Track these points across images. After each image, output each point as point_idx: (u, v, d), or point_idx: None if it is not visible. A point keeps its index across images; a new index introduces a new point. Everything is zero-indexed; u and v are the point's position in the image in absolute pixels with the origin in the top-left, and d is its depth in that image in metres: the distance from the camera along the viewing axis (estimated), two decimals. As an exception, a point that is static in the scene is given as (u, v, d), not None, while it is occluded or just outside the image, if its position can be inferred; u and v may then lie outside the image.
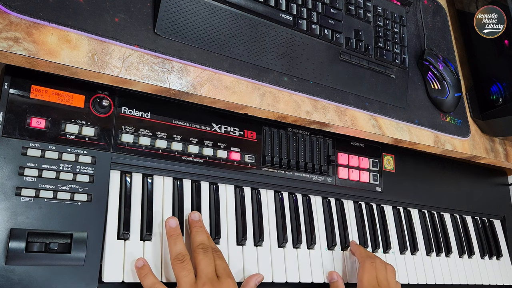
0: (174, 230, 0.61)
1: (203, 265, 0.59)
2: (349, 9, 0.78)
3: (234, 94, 0.64)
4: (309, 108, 0.71)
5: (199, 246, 0.60)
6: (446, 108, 0.87)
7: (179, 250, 0.59)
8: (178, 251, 0.59)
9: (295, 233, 0.74)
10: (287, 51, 0.70)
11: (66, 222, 0.56)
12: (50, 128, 0.57)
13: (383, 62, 0.80)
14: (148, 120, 0.65)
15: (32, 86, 0.57)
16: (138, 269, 0.58)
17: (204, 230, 0.63)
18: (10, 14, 0.50)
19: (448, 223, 0.97)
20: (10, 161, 0.54)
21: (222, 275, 0.59)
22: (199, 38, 0.62)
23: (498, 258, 1.02)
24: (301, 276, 0.72)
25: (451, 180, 1.00)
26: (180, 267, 0.57)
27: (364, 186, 0.85)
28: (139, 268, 0.58)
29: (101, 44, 0.55)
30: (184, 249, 0.59)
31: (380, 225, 0.85)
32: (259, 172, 0.73)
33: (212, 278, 0.58)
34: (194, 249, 0.60)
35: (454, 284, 0.91)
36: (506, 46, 0.87)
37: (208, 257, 0.59)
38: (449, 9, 1.00)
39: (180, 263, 0.58)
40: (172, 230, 0.61)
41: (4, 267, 0.51)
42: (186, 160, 0.66)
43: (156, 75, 0.59)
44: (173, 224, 0.61)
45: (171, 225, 0.61)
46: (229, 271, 0.61)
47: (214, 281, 0.58)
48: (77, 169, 0.58)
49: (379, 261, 0.74)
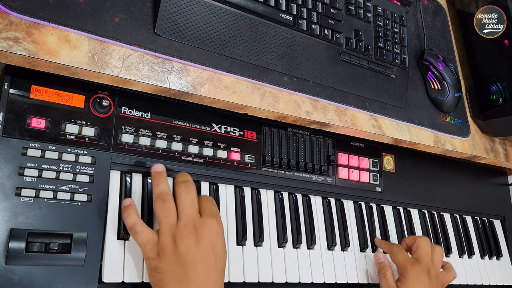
0: (159, 174, 0.58)
1: (184, 205, 0.56)
2: (349, 9, 0.78)
3: (234, 94, 0.64)
4: (309, 108, 0.71)
5: (181, 184, 0.57)
6: (446, 108, 0.87)
7: (162, 190, 0.56)
8: (161, 191, 0.56)
9: (295, 233, 0.74)
10: (287, 51, 0.70)
11: (66, 222, 0.56)
12: (50, 128, 0.57)
13: (383, 62, 0.80)
14: (148, 120, 0.65)
15: (32, 86, 0.57)
16: (124, 208, 0.56)
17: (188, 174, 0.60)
18: (10, 14, 0.50)
19: (448, 223, 0.97)
20: (10, 161, 0.54)
21: (206, 214, 0.57)
22: (199, 38, 0.62)
23: (498, 258, 1.02)
24: (301, 276, 0.72)
25: (451, 180, 1.00)
26: (161, 208, 0.55)
27: (364, 186, 0.85)
28: (125, 207, 0.56)
29: (101, 44, 0.55)
30: (168, 190, 0.57)
31: (380, 225, 0.85)
32: (259, 172, 0.73)
33: (193, 218, 0.55)
34: (176, 187, 0.57)
35: (454, 284, 0.91)
36: (506, 46, 0.87)
37: (190, 197, 0.56)
38: (449, 9, 1.00)
39: (162, 203, 0.55)
40: (157, 174, 0.58)
41: (4, 267, 0.51)
42: (186, 160, 0.66)
43: (156, 75, 0.59)
44: (159, 169, 0.58)
45: (157, 170, 0.58)
46: (216, 212, 0.58)
47: (196, 221, 0.55)
48: (77, 169, 0.58)
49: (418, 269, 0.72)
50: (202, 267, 0.54)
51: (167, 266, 0.53)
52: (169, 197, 0.56)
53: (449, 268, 0.80)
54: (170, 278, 0.53)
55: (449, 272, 0.79)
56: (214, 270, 0.55)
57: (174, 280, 0.53)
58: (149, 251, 0.54)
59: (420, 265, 0.72)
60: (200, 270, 0.54)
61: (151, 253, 0.54)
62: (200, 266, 0.54)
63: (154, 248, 0.54)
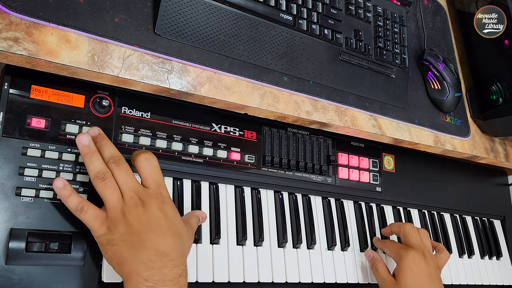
0: (88, 148, 0.54)
1: (122, 179, 0.53)
2: (349, 9, 0.78)
3: (234, 94, 0.64)
4: (309, 108, 0.71)
5: (110, 160, 0.54)
6: (446, 108, 0.87)
7: (98, 168, 0.53)
8: (97, 169, 0.53)
9: (295, 233, 0.74)
10: (287, 51, 0.70)
11: (66, 222, 0.56)
12: (50, 128, 0.57)
13: (383, 62, 0.80)
14: (148, 120, 0.65)
15: (32, 86, 0.57)
16: (59, 190, 0.52)
17: (109, 142, 0.56)
18: (10, 14, 0.50)
19: (448, 223, 0.97)
20: (10, 161, 0.54)
21: (149, 184, 0.55)
22: (199, 38, 0.62)
23: (498, 258, 1.02)
24: (301, 276, 0.72)
25: (451, 180, 1.00)
26: (103, 186, 0.52)
27: (364, 186, 0.85)
28: (60, 189, 0.52)
29: (101, 44, 0.55)
30: (104, 166, 0.54)
31: (380, 225, 0.85)
32: (259, 172, 0.73)
33: (136, 190, 0.53)
34: (106, 165, 0.54)
35: (454, 284, 0.91)
36: (506, 46, 0.87)
37: (124, 169, 0.54)
38: (449, 9, 1.00)
39: (102, 181, 0.52)
40: (85, 148, 0.54)
41: (4, 267, 0.51)
42: (186, 160, 0.66)
43: (156, 75, 0.59)
44: (85, 141, 0.54)
45: (83, 143, 0.54)
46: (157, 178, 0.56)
47: (139, 191, 0.54)
48: (77, 169, 0.58)
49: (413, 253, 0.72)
50: (156, 232, 0.52)
51: (120, 236, 0.51)
52: (108, 174, 0.53)
53: (441, 248, 0.80)
54: (125, 247, 0.51)
55: (442, 252, 0.79)
56: (169, 234, 0.53)
57: (130, 248, 0.51)
58: (99, 228, 0.52)
59: (414, 250, 0.72)
60: (155, 235, 0.52)
61: (101, 229, 0.52)
62: (154, 231, 0.52)
63: (103, 223, 0.52)
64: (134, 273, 0.49)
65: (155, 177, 0.56)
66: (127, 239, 0.51)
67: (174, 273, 0.51)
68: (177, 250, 0.53)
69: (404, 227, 0.77)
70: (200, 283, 0.63)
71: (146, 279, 0.49)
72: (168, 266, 0.51)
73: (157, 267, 0.50)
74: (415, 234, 0.76)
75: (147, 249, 0.51)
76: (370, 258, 0.77)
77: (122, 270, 0.50)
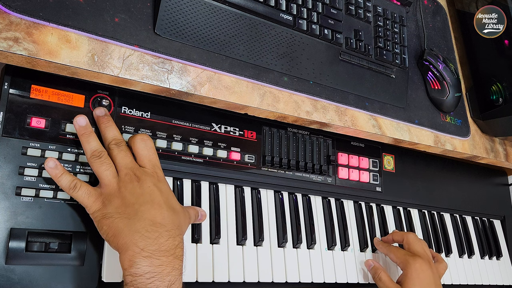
0: (85, 128, 0.55)
1: (120, 158, 0.55)
2: (349, 9, 0.78)
3: (234, 94, 0.64)
4: (309, 108, 0.71)
5: (111, 142, 0.56)
6: (446, 108, 0.87)
7: (94, 147, 0.54)
8: (93, 148, 0.54)
9: (295, 233, 0.74)
10: (287, 51, 0.70)
11: (66, 222, 0.56)
12: (50, 128, 0.57)
13: (383, 62, 0.80)
14: (148, 120, 0.65)
15: (32, 86, 0.57)
16: (51, 170, 0.53)
17: (113, 124, 0.58)
18: (10, 14, 0.50)
19: (448, 223, 0.97)
20: (10, 161, 0.54)
21: (145, 164, 0.56)
22: (199, 38, 0.62)
23: (498, 258, 1.02)
24: (301, 276, 0.72)
25: (451, 180, 1.00)
26: (99, 163, 0.53)
27: (364, 186, 0.85)
28: (52, 169, 0.53)
29: (101, 44, 0.55)
30: (100, 146, 0.55)
31: (380, 225, 0.86)
32: (259, 172, 0.73)
33: (133, 168, 0.54)
34: (107, 147, 0.56)
35: (454, 284, 0.91)
36: (506, 46, 0.87)
37: (124, 150, 0.55)
38: (449, 9, 1.00)
39: (98, 159, 0.54)
40: (82, 128, 0.55)
41: (4, 266, 0.51)
42: (186, 160, 0.66)
43: (156, 75, 0.59)
44: (82, 122, 0.56)
45: (80, 124, 0.56)
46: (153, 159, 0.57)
47: (136, 169, 0.54)
48: (77, 169, 0.58)
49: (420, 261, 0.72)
50: (151, 203, 0.52)
51: (115, 209, 0.51)
52: (104, 153, 0.54)
53: (440, 258, 0.81)
54: (120, 219, 0.51)
55: (442, 263, 0.80)
56: (164, 206, 0.53)
57: (125, 219, 0.51)
58: (93, 203, 0.52)
59: (421, 258, 0.73)
60: (150, 206, 0.52)
61: (96, 204, 0.52)
62: (149, 203, 0.52)
63: (97, 199, 0.53)
64: (130, 243, 0.49)
65: (150, 157, 0.57)
66: (122, 211, 0.51)
67: (170, 243, 0.51)
68: (173, 223, 0.53)
69: (408, 235, 0.77)
70: (200, 283, 0.63)
71: (142, 249, 0.49)
72: (164, 236, 0.51)
73: (152, 237, 0.50)
74: (419, 243, 0.76)
75: (143, 219, 0.51)
76: (371, 267, 0.77)
77: (118, 242, 0.50)
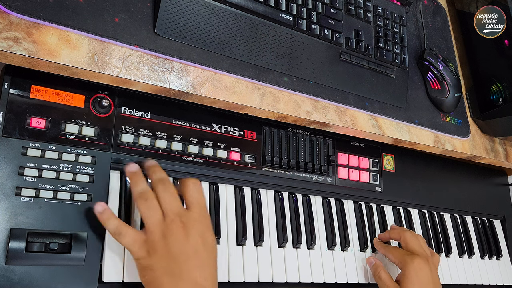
0: (135, 174, 0.57)
1: (166, 201, 0.55)
2: (349, 9, 0.78)
3: (234, 94, 0.64)
4: (309, 108, 0.71)
5: (158, 182, 0.56)
6: (446, 108, 0.87)
7: (142, 189, 0.55)
8: (141, 190, 0.55)
9: (295, 233, 0.74)
10: (287, 51, 0.70)
11: (66, 222, 0.56)
12: (50, 128, 0.57)
13: (383, 62, 0.80)
14: (148, 120, 0.65)
15: (32, 86, 0.57)
16: (100, 215, 0.54)
17: (162, 170, 0.59)
18: (10, 14, 0.50)
19: (448, 223, 0.97)
20: (10, 161, 0.54)
21: (192, 205, 0.56)
22: (199, 38, 0.62)
23: (498, 258, 1.02)
24: (301, 276, 0.72)
25: (451, 180, 1.00)
26: (145, 206, 0.54)
27: (364, 186, 0.85)
28: (100, 214, 0.54)
29: (101, 44, 0.55)
30: (148, 187, 0.56)
31: (380, 225, 0.85)
32: (259, 172, 0.73)
33: (179, 212, 0.55)
34: (153, 187, 0.56)
35: (454, 284, 0.91)
36: (506, 46, 0.87)
37: (170, 191, 0.56)
38: (449, 9, 1.00)
39: (145, 202, 0.54)
40: (132, 173, 0.57)
41: (4, 267, 0.51)
42: (186, 160, 0.66)
43: (156, 75, 0.59)
44: (134, 169, 0.57)
45: (131, 170, 0.57)
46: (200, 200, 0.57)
47: (182, 214, 0.55)
48: (77, 169, 0.58)
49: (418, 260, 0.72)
50: (195, 261, 0.53)
51: (159, 262, 0.52)
52: (151, 195, 0.55)
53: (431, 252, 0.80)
54: (163, 274, 0.52)
55: (435, 255, 0.79)
56: (207, 264, 0.54)
57: (168, 276, 0.52)
58: (138, 251, 0.53)
59: (419, 256, 0.73)
60: (193, 264, 0.53)
61: (140, 252, 0.53)
62: (193, 260, 0.53)
63: (142, 247, 0.53)
64: None
65: (199, 201, 0.57)
66: (166, 266, 0.52)
67: None
68: (213, 281, 0.54)
69: (405, 234, 0.77)
70: (200, 283, 0.63)
71: None
72: None
73: None
74: (417, 241, 0.76)
75: (185, 280, 0.52)
76: (372, 264, 0.77)
77: None
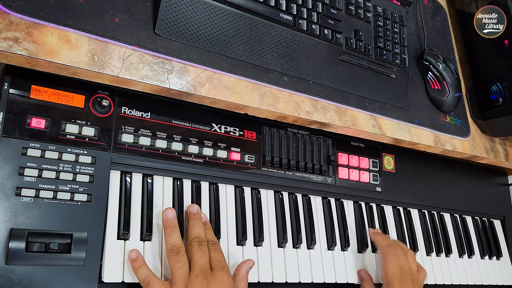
0: (170, 222, 0.61)
1: (197, 258, 0.59)
2: (349, 9, 0.78)
3: (234, 94, 0.64)
4: (309, 108, 0.71)
5: (195, 239, 0.61)
6: (446, 108, 0.87)
7: (175, 242, 0.59)
8: (174, 243, 0.59)
9: (295, 233, 0.74)
10: (287, 51, 0.70)
11: (66, 222, 0.56)
12: (50, 128, 0.57)
13: (383, 62, 0.80)
14: (148, 120, 0.65)
15: (32, 86, 0.57)
16: (132, 261, 0.57)
17: (201, 223, 0.63)
18: (10, 14, 0.50)
19: (448, 223, 0.97)
20: (10, 161, 0.54)
21: (216, 267, 0.60)
22: (199, 38, 0.62)
23: (498, 258, 1.02)
24: (301, 276, 0.72)
25: (451, 180, 1.00)
26: (175, 259, 0.58)
27: (364, 186, 0.85)
28: (133, 260, 0.58)
29: (101, 44, 0.55)
30: (180, 241, 0.60)
31: (380, 225, 0.85)
32: (259, 172, 0.73)
33: (205, 270, 0.58)
34: (189, 242, 0.61)
35: (454, 284, 0.91)
36: (506, 46, 0.87)
37: (202, 250, 0.60)
38: (449, 9, 1.00)
39: (175, 255, 0.58)
40: (168, 221, 0.61)
41: (4, 267, 0.51)
42: (186, 160, 0.66)
43: (156, 75, 0.59)
44: (170, 215, 0.61)
45: (168, 216, 0.61)
46: (224, 263, 0.61)
47: (207, 273, 0.58)
48: (77, 169, 0.58)
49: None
50: None
51: None
52: (182, 249, 0.59)
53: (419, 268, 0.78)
54: None
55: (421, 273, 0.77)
56: None
57: None
58: None
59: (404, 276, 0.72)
60: None
61: None
62: None
63: None
64: None
65: (220, 258, 0.61)
66: None
67: None
68: None
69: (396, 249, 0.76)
70: (200, 283, 0.63)
71: None
72: None
73: None
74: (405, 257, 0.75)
75: None
76: (360, 278, 0.78)
77: None
